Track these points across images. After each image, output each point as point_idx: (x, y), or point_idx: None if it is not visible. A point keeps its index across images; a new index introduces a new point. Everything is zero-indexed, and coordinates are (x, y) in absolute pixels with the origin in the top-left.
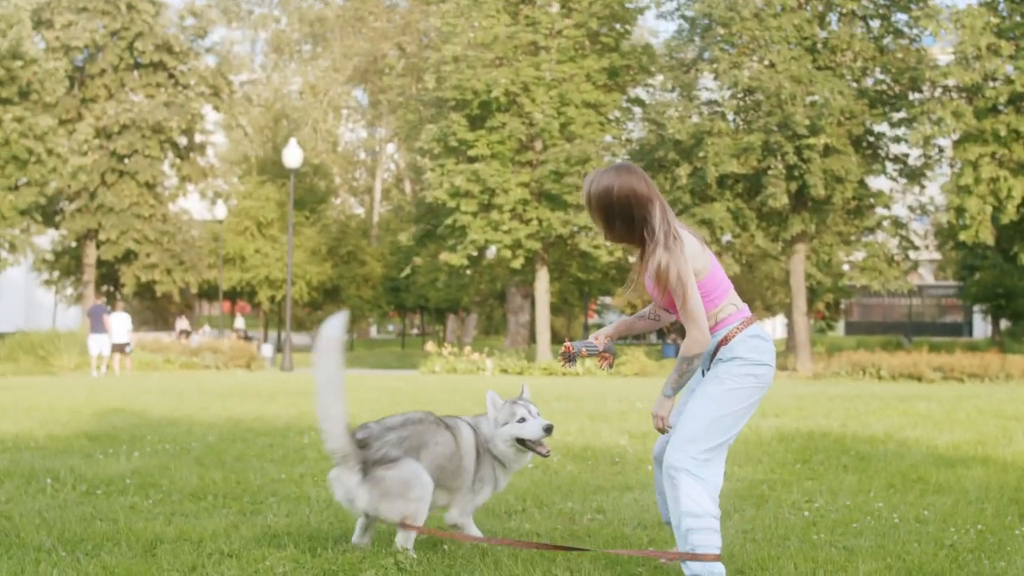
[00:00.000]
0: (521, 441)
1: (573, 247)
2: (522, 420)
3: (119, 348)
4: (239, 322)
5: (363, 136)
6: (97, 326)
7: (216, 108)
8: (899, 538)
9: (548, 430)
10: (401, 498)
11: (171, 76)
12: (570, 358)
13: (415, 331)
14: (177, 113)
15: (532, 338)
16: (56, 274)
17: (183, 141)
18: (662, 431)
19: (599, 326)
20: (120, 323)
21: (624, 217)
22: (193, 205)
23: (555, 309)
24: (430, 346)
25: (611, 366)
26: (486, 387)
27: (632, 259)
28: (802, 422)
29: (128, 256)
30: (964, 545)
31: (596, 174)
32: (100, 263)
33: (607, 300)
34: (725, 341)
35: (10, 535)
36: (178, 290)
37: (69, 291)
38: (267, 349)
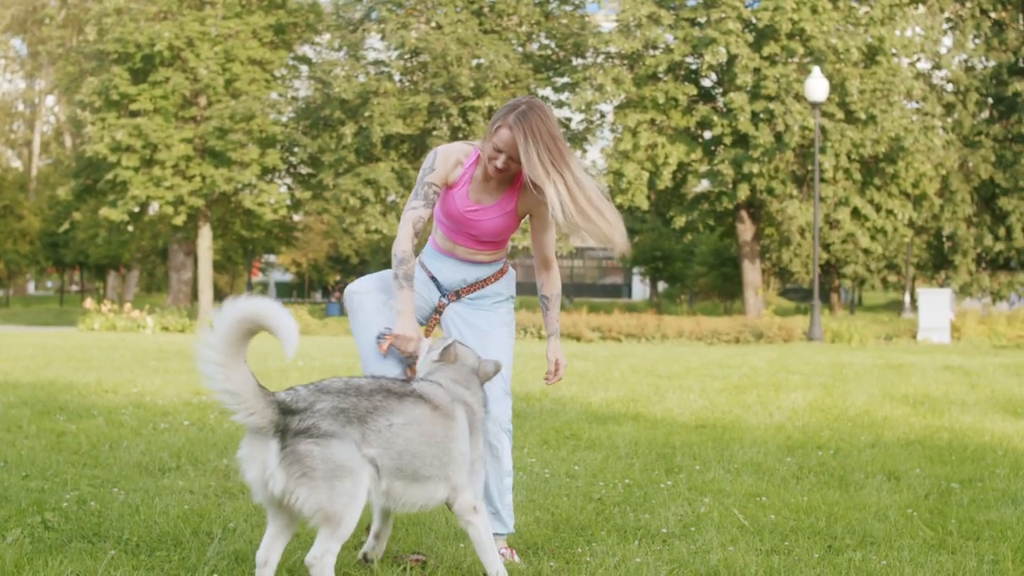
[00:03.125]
0: None
1: (237, 204)
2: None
3: None
4: None
5: (21, 87)
6: None
7: None
8: (549, 492)
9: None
10: (326, 486)
11: None
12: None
13: (74, 288)
14: None
15: (195, 296)
16: None
17: None
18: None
19: (264, 285)
20: None
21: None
22: None
23: (218, 267)
24: (89, 303)
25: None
26: (146, 345)
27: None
28: None
29: None
30: (611, 499)
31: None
32: None
33: (271, 258)
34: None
35: None
36: None
37: None
38: None
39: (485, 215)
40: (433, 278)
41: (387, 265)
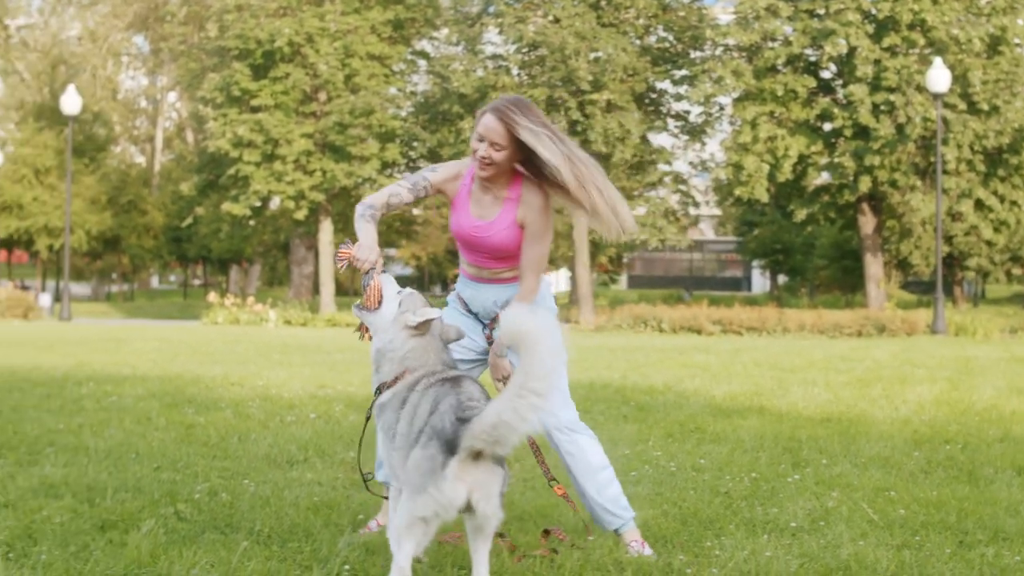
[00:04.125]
0: None
1: (357, 198)
2: None
3: None
4: None
5: (144, 84)
6: None
7: None
8: (676, 486)
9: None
10: None
11: None
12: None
13: (197, 282)
14: None
15: (316, 289)
16: None
17: None
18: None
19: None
20: None
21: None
22: None
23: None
24: (212, 297)
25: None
26: (268, 339)
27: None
28: (584, 373)
29: None
30: (738, 492)
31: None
32: None
33: (391, 252)
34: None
35: None
36: None
37: None
38: (45, 299)
39: (490, 231)
40: (470, 310)
41: None
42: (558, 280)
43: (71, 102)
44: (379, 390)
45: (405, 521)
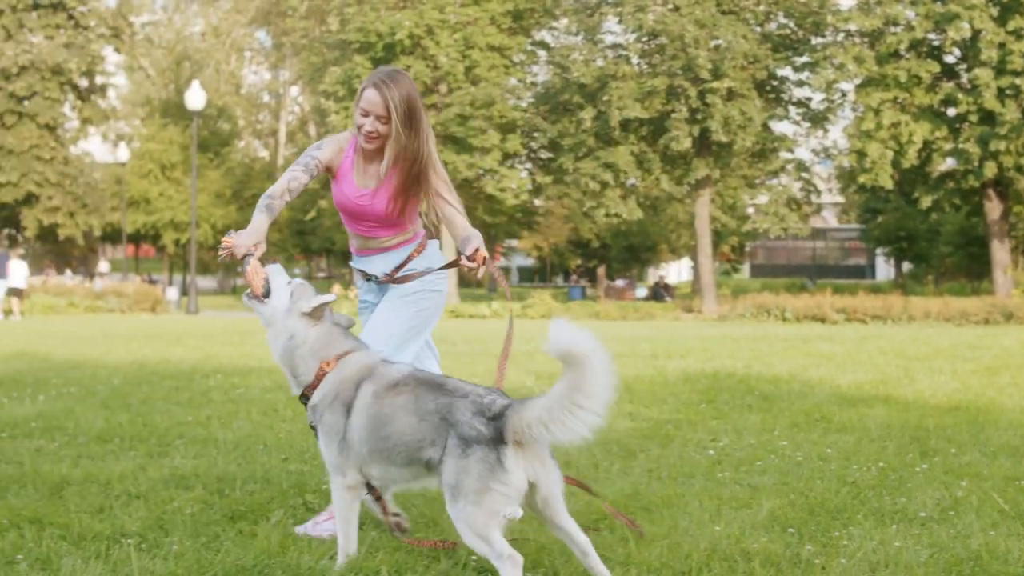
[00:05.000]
0: None
1: (479, 190)
2: None
3: (16, 293)
4: (103, 266)
5: (267, 78)
6: None
7: (117, 50)
8: (802, 475)
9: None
10: None
11: (71, 17)
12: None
13: (322, 274)
14: (77, 54)
15: None
16: None
17: (84, 83)
18: None
19: (506, 270)
20: (18, 270)
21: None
22: (95, 148)
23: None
24: (336, 289)
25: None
26: None
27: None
28: (707, 363)
29: (29, 199)
30: (866, 482)
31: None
32: (1, 206)
33: (513, 243)
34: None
35: None
36: (81, 233)
37: None
38: (172, 292)
39: (374, 198)
40: (368, 277)
41: (629, 249)
42: (680, 270)
43: (196, 98)
44: (304, 395)
45: (481, 523)
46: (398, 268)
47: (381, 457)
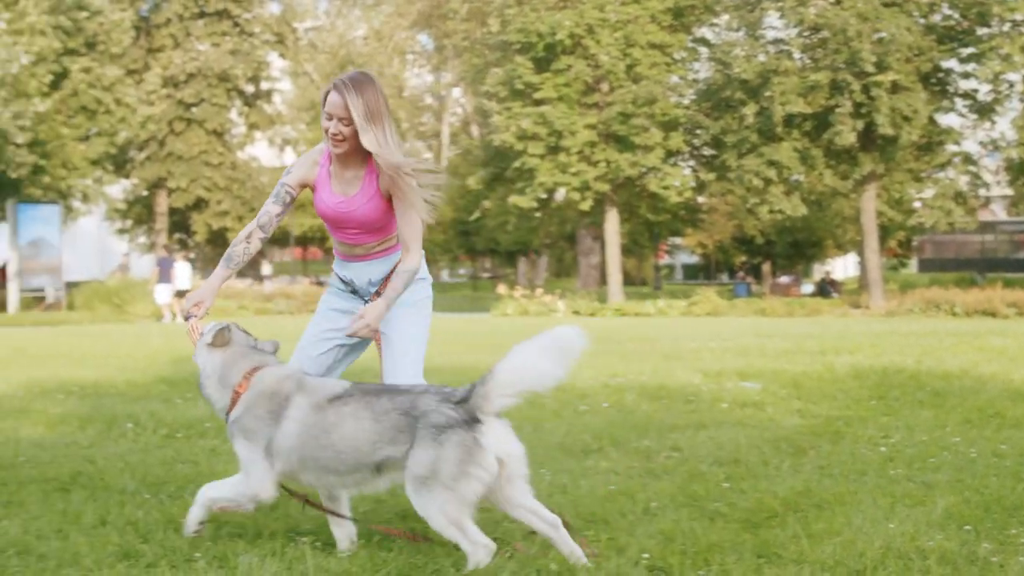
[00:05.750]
0: None
1: (642, 188)
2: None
3: (182, 295)
4: (266, 268)
5: (429, 81)
6: (164, 276)
7: (282, 55)
8: (977, 472)
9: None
10: None
11: (236, 24)
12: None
13: (486, 274)
14: (243, 61)
15: (603, 279)
16: (128, 223)
17: (250, 89)
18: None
19: (670, 267)
20: (183, 272)
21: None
22: (261, 152)
23: (625, 250)
24: (502, 288)
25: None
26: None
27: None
28: (876, 359)
29: (199, 204)
30: None
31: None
32: (171, 211)
33: (677, 241)
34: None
35: (94, 479)
36: None
37: (141, 239)
38: None
39: (354, 204)
40: (349, 287)
41: (794, 245)
42: (846, 265)
43: None
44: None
45: (455, 510)
46: (385, 280)
47: (317, 466)
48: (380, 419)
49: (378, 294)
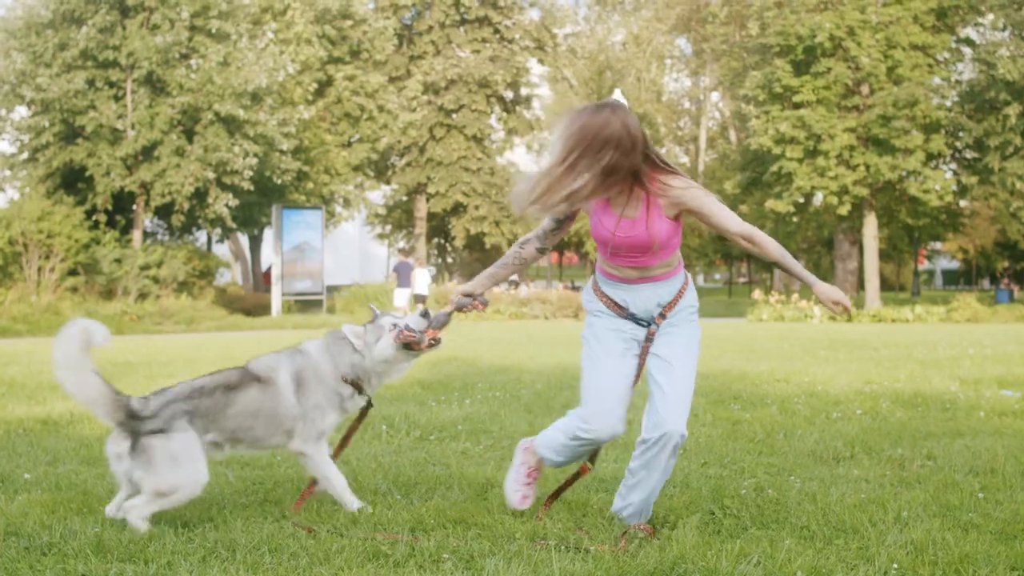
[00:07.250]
0: (407, 346)
1: (902, 192)
2: (394, 326)
3: (421, 300)
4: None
5: (687, 85)
6: (403, 281)
7: (541, 61)
8: None
9: (425, 315)
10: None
11: (496, 31)
12: (407, 346)
13: (742, 279)
14: (503, 67)
15: (860, 285)
16: (388, 228)
17: (509, 95)
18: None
19: (929, 273)
20: (422, 278)
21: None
22: (520, 158)
23: (884, 255)
24: (757, 294)
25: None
26: (813, 335)
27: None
28: None
29: (457, 209)
30: None
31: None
32: (430, 216)
33: (937, 246)
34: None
35: (348, 478)
36: (507, 242)
37: (401, 244)
38: None
39: (637, 228)
40: (625, 311)
41: None
42: None
43: None
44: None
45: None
46: (671, 304)
47: None
48: None
49: (663, 317)
